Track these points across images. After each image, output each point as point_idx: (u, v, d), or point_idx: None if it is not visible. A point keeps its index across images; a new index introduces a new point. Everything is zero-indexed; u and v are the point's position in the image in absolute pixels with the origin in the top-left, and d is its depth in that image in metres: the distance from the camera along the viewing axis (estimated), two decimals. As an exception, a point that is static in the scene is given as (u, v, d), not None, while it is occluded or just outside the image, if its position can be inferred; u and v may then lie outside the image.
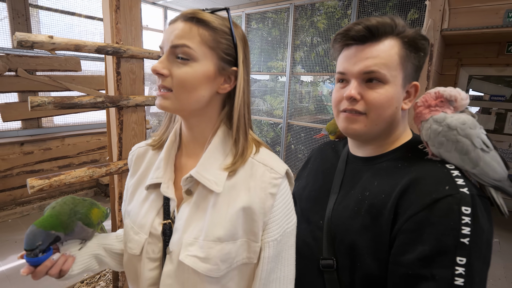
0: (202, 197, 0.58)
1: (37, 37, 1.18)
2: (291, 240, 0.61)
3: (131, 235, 0.62)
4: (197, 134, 0.63)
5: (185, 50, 0.54)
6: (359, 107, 0.61)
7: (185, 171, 0.62)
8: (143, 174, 0.68)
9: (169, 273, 0.57)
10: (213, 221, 0.55)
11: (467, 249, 0.48)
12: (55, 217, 0.59)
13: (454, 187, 0.52)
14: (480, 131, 0.56)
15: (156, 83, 0.57)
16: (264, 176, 0.58)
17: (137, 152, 0.71)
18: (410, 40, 0.60)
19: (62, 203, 0.63)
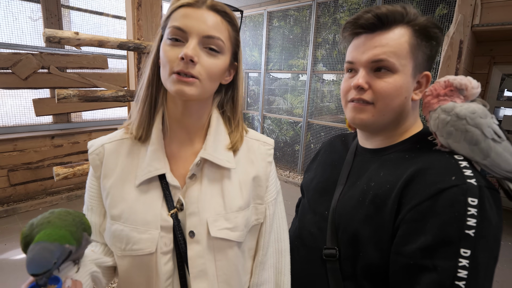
0: (212, 177, 0.63)
1: (63, 33, 1.25)
2: (280, 197, 0.74)
3: (135, 237, 0.58)
4: (195, 120, 0.64)
5: (218, 43, 0.57)
6: (367, 97, 0.60)
7: (179, 158, 0.63)
8: (125, 171, 0.62)
9: (198, 254, 0.60)
10: (231, 194, 0.63)
11: (472, 241, 0.46)
12: (64, 228, 0.49)
13: (461, 178, 0.50)
14: (492, 120, 0.53)
15: (177, 67, 0.54)
16: (260, 149, 0.70)
17: (107, 149, 0.63)
18: (421, 28, 0.58)
19: (58, 215, 0.52)
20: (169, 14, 0.58)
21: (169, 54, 0.55)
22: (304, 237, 0.72)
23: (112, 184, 0.61)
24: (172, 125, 0.63)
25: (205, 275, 0.60)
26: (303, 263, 0.69)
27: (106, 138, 0.65)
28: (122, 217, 0.59)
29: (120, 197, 0.60)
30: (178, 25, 0.55)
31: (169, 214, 0.59)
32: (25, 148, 3.27)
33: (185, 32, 0.55)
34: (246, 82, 5.38)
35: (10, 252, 2.42)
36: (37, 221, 0.50)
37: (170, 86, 0.56)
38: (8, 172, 3.18)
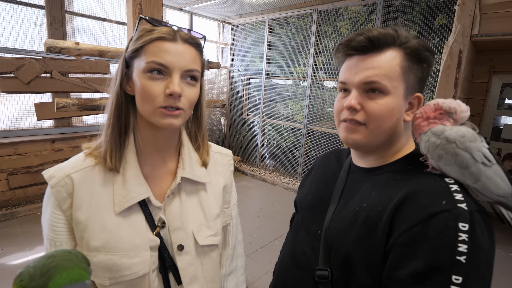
0: (189, 191, 0.69)
1: (64, 43, 1.27)
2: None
3: (125, 263, 0.58)
4: (168, 142, 0.67)
5: (196, 74, 0.61)
6: (359, 118, 0.60)
7: (154, 179, 0.66)
8: (101, 200, 0.60)
9: (188, 263, 0.65)
10: (209, 204, 0.71)
11: (464, 267, 0.46)
12: (76, 266, 0.48)
13: (452, 202, 0.50)
14: (481, 144, 0.54)
15: (165, 102, 0.57)
16: (224, 160, 0.78)
17: (76, 180, 0.60)
18: (412, 51, 0.59)
19: (61, 258, 0.49)
20: (140, 46, 0.58)
21: (153, 89, 0.57)
22: (297, 256, 0.72)
23: (88, 216, 0.59)
24: (146, 149, 0.65)
25: (196, 280, 0.67)
26: (295, 283, 0.69)
27: (68, 167, 0.61)
28: (106, 247, 0.59)
29: (100, 228, 0.59)
30: (160, 61, 0.56)
31: (154, 234, 0.62)
32: (26, 152, 3.29)
33: (167, 68, 0.57)
34: (247, 88, 5.41)
35: (7, 257, 2.42)
36: (38, 270, 0.46)
37: (158, 120, 0.58)
38: (7, 175, 3.20)
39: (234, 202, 0.82)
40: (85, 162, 0.62)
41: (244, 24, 5.23)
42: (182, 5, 4.65)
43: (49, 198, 0.61)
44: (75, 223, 0.60)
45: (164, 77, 0.58)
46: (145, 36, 0.58)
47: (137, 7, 1.50)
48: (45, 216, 0.62)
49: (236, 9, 4.73)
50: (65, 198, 0.59)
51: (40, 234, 2.79)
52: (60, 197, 0.59)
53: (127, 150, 0.62)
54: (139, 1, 1.49)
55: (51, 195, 0.60)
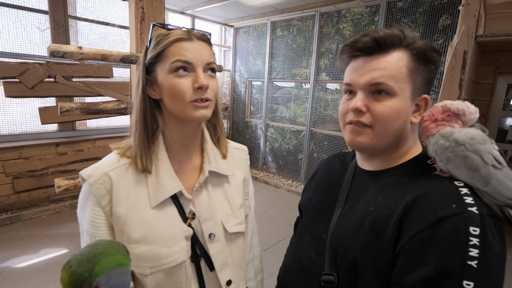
0: (215, 184, 0.74)
1: (67, 48, 1.27)
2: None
3: (165, 252, 0.63)
4: (194, 138, 0.72)
5: (214, 67, 0.66)
6: (365, 120, 0.59)
7: (182, 174, 0.70)
8: (136, 196, 0.65)
9: (219, 250, 0.71)
10: (233, 195, 0.76)
11: (475, 272, 0.45)
12: (119, 253, 0.51)
13: (462, 206, 0.49)
14: (491, 146, 0.52)
15: (195, 96, 0.62)
16: (241, 155, 0.84)
17: (114, 177, 0.64)
18: (419, 52, 0.58)
19: (104, 246, 0.53)
20: (162, 50, 0.62)
21: (182, 85, 0.62)
22: (302, 261, 0.70)
23: (127, 210, 0.63)
24: (174, 146, 0.70)
25: (227, 265, 0.72)
26: None
27: (104, 166, 0.65)
28: (146, 238, 0.63)
29: (139, 221, 0.64)
30: (184, 59, 0.62)
31: (187, 224, 0.68)
32: (30, 155, 3.31)
33: (191, 64, 0.62)
34: (250, 91, 5.41)
35: (12, 260, 2.43)
36: (84, 256, 0.49)
37: (191, 113, 0.63)
38: (12, 179, 3.21)
39: (252, 194, 0.87)
40: (120, 162, 0.67)
41: (246, 26, 5.24)
42: (184, 8, 4.67)
43: (88, 196, 0.64)
44: (115, 218, 0.63)
45: (189, 74, 0.63)
46: (163, 40, 0.63)
47: (139, 10, 1.50)
48: (84, 213, 0.65)
49: (238, 12, 4.74)
50: (104, 195, 0.63)
51: (44, 237, 2.80)
52: (100, 194, 0.63)
53: (158, 149, 0.67)
54: (141, 5, 1.50)
55: (90, 193, 0.64)
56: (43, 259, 2.48)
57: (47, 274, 2.27)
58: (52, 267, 2.37)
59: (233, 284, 0.74)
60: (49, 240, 2.76)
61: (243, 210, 0.79)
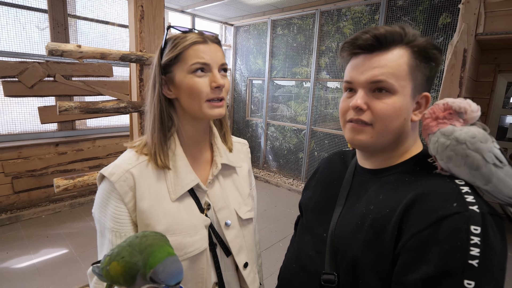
0: (226, 176, 0.79)
1: (66, 46, 1.26)
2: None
3: (188, 241, 0.67)
4: (205, 134, 0.77)
5: (226, 67, 0.72)
6: (366, 118, 0.59)
7: (195, 168, 0.74)
8: (158, 190, 0.68)
9: (235, 236, 0.76)
10: (241, 185, 0.82)
11: (476, 271, 0.44)
12: (166, 245, 0.55)
13: (463, 205, 0.48)
14: (492, 145, 0.52)
15: (211, 95, 0.68)
16: (243, 148, 0.90)
17: (136, 173, 0.67)
18: (420, 50, 0.57)
19: (153, 238, 0.56)
20: (180, 52, 0.67)
21: (200, 85, 0.66)
22: (302, 260, 0.70)
23: (150, 205, 0.67)
24: (188, 142, 0.74)
25: (242, 249, 0.77)
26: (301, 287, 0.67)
27: (124, 163, 0.68)
28: (170, 229, 0.67)
29: (162, 214, 0.67)
30: (203, 61, 0.66)
31: (204, 214, 0.72)
32: (30, 155, 3.30)
33: (208, 65, 0.67)
34: (250, 90, 5.40)
35: (12, 260, 2.42)
36: (135, 247, 0.54)
37: (208, 112, 0.68)
38: (12, 179, 3.21)
39: (253, 185, 0.93)
40: (139, 159, 0.70)
41: (246, 25, 5.23)
42: (184, 7, 4.66)
43: (111, 193, 0.66)
44: (139, 213, 0.66)
45: (205, 74, 0.67)
46: (181, 43, 0.67)
47: (138, 9, 1.50)
48: (105, 211, 0.67)
49: (238, 10, 4.73)
50: (127, 192, 0.66)
51: (44, 237, 2.80)
52: (123, 191, 0.66)
53: (174, 145, 0.72)
54: (140, 3, 1.49)
55: (113, 191, 0.66)
56: (43, 259, 2.47)
57: (46, 275, 2.27)
58: (51, 267, 2.36)
59: (249, 267, 0.80)
60: (48, 240, 2.76)
61: (251, 198, 0.86)
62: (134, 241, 0.55)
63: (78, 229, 3.01)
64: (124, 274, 0.53)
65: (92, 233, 2.90)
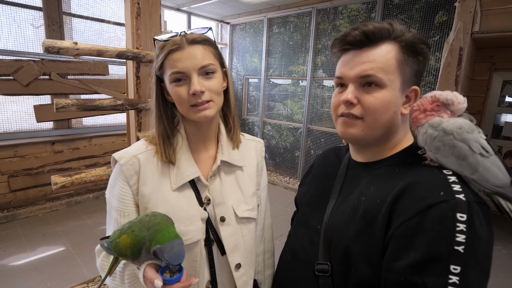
0: (227, 172, 0.79)
1: (62, 43, 1.26)
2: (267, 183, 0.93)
3: (183, 230, 0.69)
4: (209, 131, 0.78)
5: (211, 67, 0.69)
6: (356, 111, 0.60)
7: (198, 163, 0.76)
8: (160, 178, 0.72)
9: (230, 233, 0.75)
10: (245, 183, 0.81)
11: (462, 257, 0.46)
12: (172, 226, 0.59)
13: (450, 193, 0.50)
14: (479, 135, 0.53)
15: (192, 101, 0.68)
16: (257, 146, 0.88)
17: (142, 160, 0.72)
18: (408, 44, 0.59)
19: (161, 218, 0.61)
20: (161, 63, 0.69)
21: (180, 94, 0.68)
22: (297, 252, 0.71)
23: (151, 190, 0.71)
24: (193, 138, 0.77)
25: (237, 249, 0.76)
26: (296, 277, 0.69)
27: (133, 149, 0.74)
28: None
29: (161, 200, 0.70)
30: (176, 70, 0.67)
31: (203, 208, 0.73)
32: (26, 154, 3.29)
33: (184, 73, 0.67)
34: (246, 88, 5.40)
35: (9, 258, 2.42)
36: (144, 224, 0.59)
37: (194, 116, 0.69)
38: (8, 178, 3.19)
39: (264, 185, 0.90)
40: (148, 147, 0.74)
41: (243, 23, 5.22)
42: (180, 5, 4.65)
43: (118, 175, 0.72)
44: (140, 196, 0.71)
45: (186, 81, 0.68)
46: (160, 54, 0.69)
47: (135, 6, 1.50)
48: (113, 192, 0.72)
49: (234, 8, 4.73)
50: (132, 175, 0.71)
51: (41, 235, 2.79)
52: (129, 174, 0.71)
53: (179, 139, 0.75)
54: (137, 1, 1.49)
55: (120, 173, 0.71)
56: (40, 257, 2.47)
57: (44, 272, 2.27)
58: (49, 265, 2.36)
59: (243, 269, 0.77)
60: (46, 238, 2.75)
61: (256, 198, 0.83)
62: (144, 218, 0.61)
63: (75, 227, 3.00)
64: (132, 247, 0.58)
65: (89, 232, 2.90)
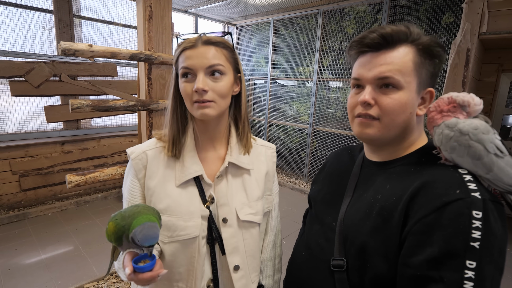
0: (235, 175, 0.80)
1: (78, 46, 1.29)
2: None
3: (181, 225, 0.73)
4: (217, 132, 0.80)
5: (219, 68, 0.71)
6: (373, 112, 0.62)
7: (206, 162, 0.79)
8: (166, 174, 0.76)
9: (231, 235, 0.77)
10: (251, 187, 0.81)
11: (477, 253, 0.47)
12: (152, 215, 0.62)
13: (465, 191, 0.52)
14: (494, 136, 0.55)
15: (195, 97, 0.70)
16: (267, 152, 0.89)
17: (149, 155, 0.77)
18: (424, 47, 0.61)
19: (143, 208, 0.64)
20: (176, 59, 0.74)
21: (186, 89, 0.71)
22: (312, 248, 0.73)
23: (156, 184, 0.75)
24: (200, 136, 0.79)
25: (237, 251, 0.77)
26: (311, 273, 0.71)
27: (144, 146, 0.79)
28: (168, 209, 0.73)
29: (164, 194, 0.74)
30: (185, 65, 0.71)
31: (205, 206, 0.75)
32: (36, 154, 3.35)
33: (192, 69, 0.70)
34: (253, 89, 5.43)
35: (21, 256, 2.46)
36: (127, 213, 0.63)
37: (195, 112, 0.72)
38: (19, 177, 3.25)
39: (276, 192, 0.92)
40: (157, 144, 0.79)
41: (249, 25, 5.26)
42: (187, 7, 4.69)
43: (130, 169, 0.78)
44: (146, 189, 0.76)
45: (193, 78, 0.71)
46: (177, 50, 0.74)
47: (147, 9, 1.53)
48: (126, 184, 0.79)
49: (241, 10, 4.76)
50: (140, 169, 0.76)
51: (51, 234, 2.84)
52: (138, 168, 0.76)
53: (187, 138, 0.78)
54: (149, 3, 1.52)
55: (131, 166, 0.77)
56: (51, 255, 2.51)
57: (55, 270, 2.31)
58: (59, 263, 2.40)
59: (241, 271, 0.78)
60: (56, 237, 2.80)
61: (262, 203, 0.83)
62: (128, 208, 0.64)
63: (84, 226, 3.05)
64: (114, 234, 0.62)
65: (98, 231, 2.94)
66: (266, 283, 0.90)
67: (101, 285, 2.14)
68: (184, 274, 0.75)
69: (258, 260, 0.85)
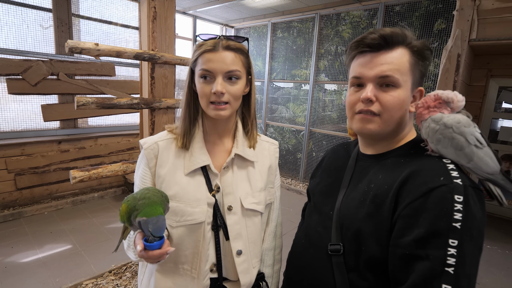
0: (240, 167, 0.86)
1: (85, 44, 1.33)
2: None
3: (189, 210, 0.78)
4: (225, 127, 0.87)
5: (237, 73, 0.78)
6: (374, 108, 0.67)
7: (213, 154, 0.85)
8: (175, 163, 0.82)
9: (235, 221, 0.82)
10: (255, 178, 0.87)
11: (459, 232, 0.53)
12: (160, 204, 0.68)
13: (449, 178, 0.57)
14: (474, 129, 0.62)
15: (212, 98, 0.77)
16: (270, 147, 0.96)
17: (161, 146, 0.83)
18: (418, 50, 0.67)
19: (153, 193, 0.70)
20: (196, 58, 0.79)
21: (204, 90, 0.77)
22: (311, 236, 0.79)
23: (166, 172, 0.81)
24: (209, 130, 0.86)
25: (240, 237, 0.83)
26: (310, 259, 0.76)
27: (156, 137, 0.86)
28: (176, 196, 0.79)
29: (173, 182, 0.80)
30: (206, 68, 0.76)
31: (211, 194, 0.81)
32: (33, 152, 3.34)
33: (211, 72, 0.76)
34: (249, 91, 5.47)
35: (17, 255, 2.46)
36: (138, 195, 0.69)
37: (210, 112, 0.79)
38: (15, 176, 3.24)
39: (278, 185, 0.98)
40: (168, 136, 0.85)
41: (247, 28, 5.32)
42: (186, 8, 4.74)
43: (142, 159, 0.84)
44: (157, 177, 0.82)
45: (211, 80, 0.77)
46: (197, 50, 0.78)
47: (151, 10, 1.57)
48: (138, 172, 0.85)
49: (239, 13, 4.82)
50: (152, 159, 0.82)
51: (48, 233, 2.84)
52: (149, 157, 0.82)
53: (197, 130, 0.84)
54: (153, 5, 1.56)
55: (143, 156, 0.83)
56: (48, 253, 2.51)
57: (53, 268, 2.32)
58: (57, 261, 2.41)
59: (244, 256, 0.83)
60: (52, 236, 2.80)
61: (264, 194, 0.89)
62: (140, 191, 0.71)
63: (80, 225, 3.05)
64: (125, 214, 0.68)
65: (95, 230, 2.95)
66: (266, 271, 0.96)
67: (100, 282, 2.16)
68: (190, 257, 0.80)
69: (259, 247, 0.90)
